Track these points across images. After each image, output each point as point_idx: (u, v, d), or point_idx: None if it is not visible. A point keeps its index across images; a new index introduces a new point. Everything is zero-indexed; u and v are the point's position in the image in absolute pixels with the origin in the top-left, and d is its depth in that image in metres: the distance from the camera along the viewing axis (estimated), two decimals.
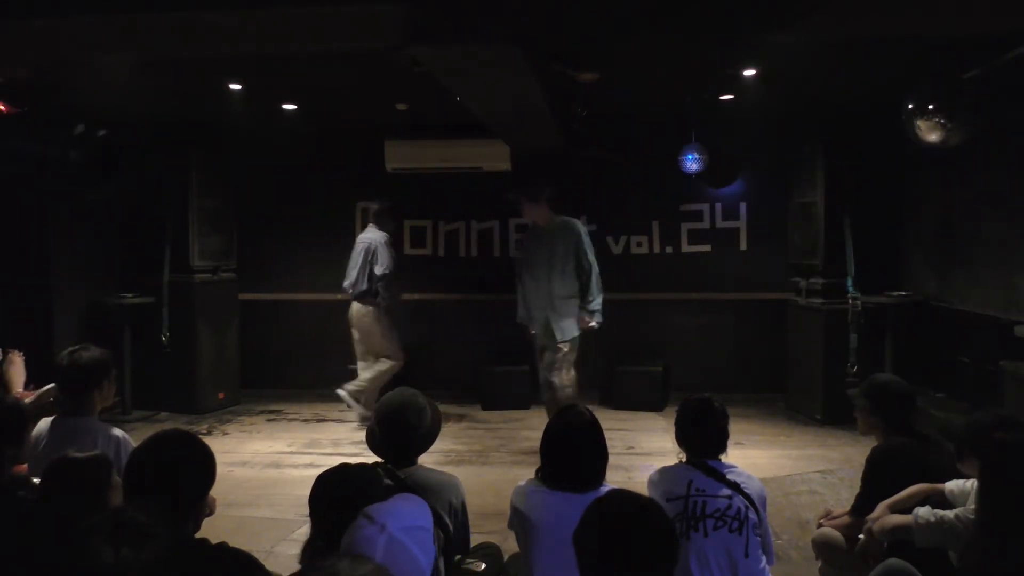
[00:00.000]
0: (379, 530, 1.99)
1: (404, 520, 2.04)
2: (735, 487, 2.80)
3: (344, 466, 2.50)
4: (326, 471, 2.44)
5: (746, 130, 7.23)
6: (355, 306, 6.75)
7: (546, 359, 5.94)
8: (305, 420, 7.13)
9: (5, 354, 5.38)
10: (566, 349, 5.86)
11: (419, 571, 1.99)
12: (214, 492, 2.37)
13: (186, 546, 2.13)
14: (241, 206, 7.77)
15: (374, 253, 6.68)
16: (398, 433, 2.93)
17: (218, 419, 7.15)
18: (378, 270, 6.63)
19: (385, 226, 6.85)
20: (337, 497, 2.32)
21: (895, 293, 6.54)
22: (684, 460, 2.97)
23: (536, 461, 2.79)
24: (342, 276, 8.02)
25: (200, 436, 2.39)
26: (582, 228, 5.93)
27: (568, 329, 5.86)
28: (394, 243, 6.93)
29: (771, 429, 6.65)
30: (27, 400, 4.32)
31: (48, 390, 4.76)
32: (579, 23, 3.64)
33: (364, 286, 6.68)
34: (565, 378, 5.87)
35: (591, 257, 5.85)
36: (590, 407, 2.90)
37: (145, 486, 2.17)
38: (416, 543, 2.00)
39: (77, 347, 3.40)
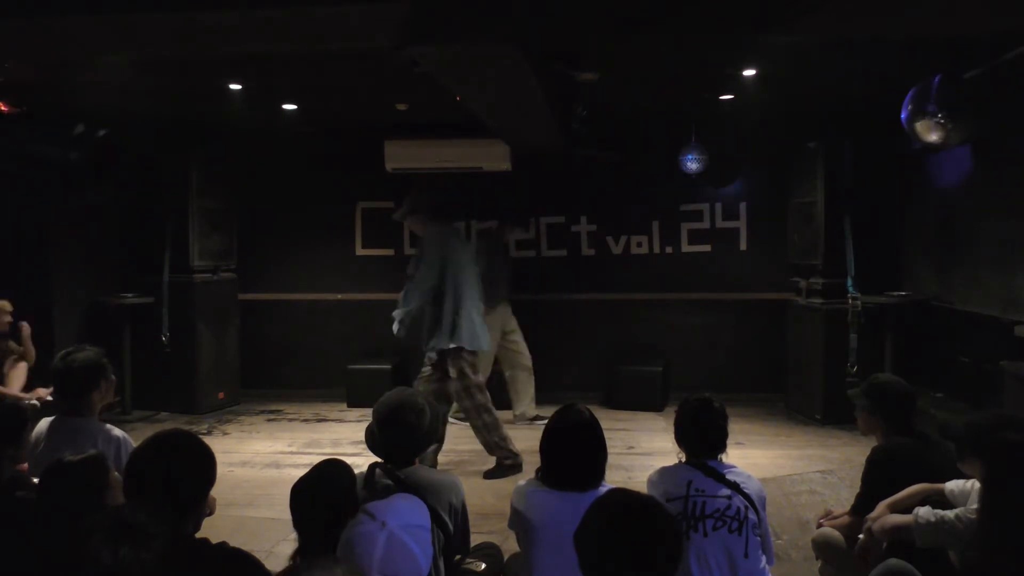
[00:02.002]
0: (379, 527, 1.99)
1: (404, 518, 2.04)
2: (735, 487, 2.80)
3: (316, 467, 2.51)
4: (298, 480, 2.44)
5: (746, 130, 7.23)
6: None
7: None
8: (305, 420, 7.13)
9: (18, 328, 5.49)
10: (453, 374, 5.30)
11: (417, 569, 1.99)
12: (214, 492, 2.37)
13: (186, 546, 2.13)
14: (241, 206, 7.77)
15: None
16: (397, 433, 2.94)
17: (218, 419, 7.15)
18: None
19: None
20: (308, 499, 2.32)
21: (895, 293, 6.53)
22: (684, 460, 2.97)
23: (536, 461, 2.79)
24: (341, 276, 8.07)
25: (200, 436, 2.39)
26: (437, 235, 5.35)
27: (439, 343, 5.28)
28: (499, 253, 6.96)
29: (771, 429, 6.65)
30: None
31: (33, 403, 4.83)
32: (579, 23, 3.64)
33: None
34: (465, 401, 5.35)
35: (413, 267, 5.32)
36: (590, 407, 2.90)
37: (145, 486, 2.17)
38: (416, 541, 2.00)
39: (71, 349, 3.39)
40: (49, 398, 5.00)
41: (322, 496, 2.24)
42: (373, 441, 3.02)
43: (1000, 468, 2.39)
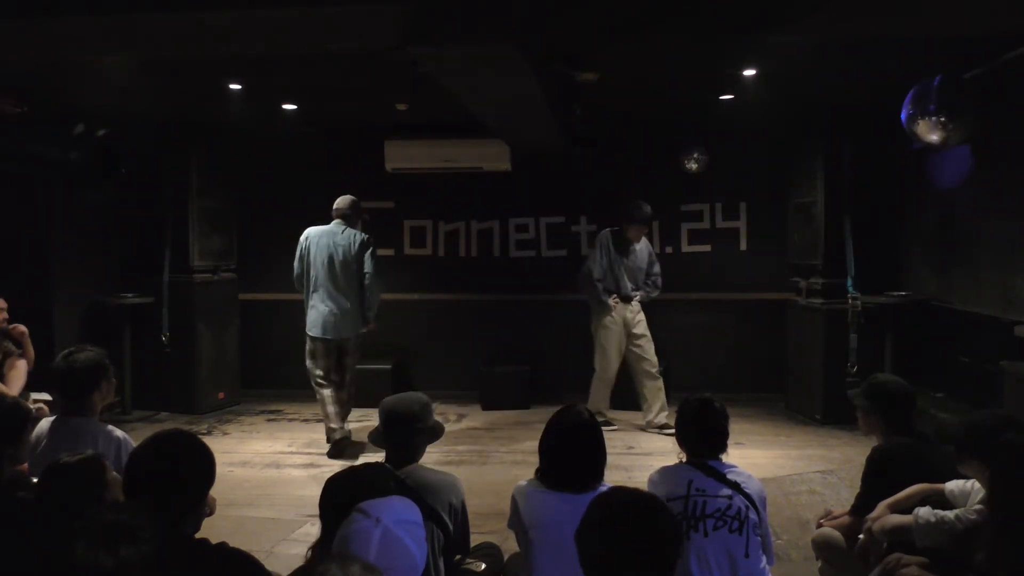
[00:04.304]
0: (374, 523, 1.98)
1: (398, 514, 2.04)
2: (735, 487, 2.80)
3: (352, 468, 2.51)
4: (335, 474, 2.44)
5: (746, 130, 7.23)
6: None
7: None
8: (305, 420, 7.13)
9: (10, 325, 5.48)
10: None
11: (413, 565, 1.98)
12: (214, 492, 2.37)
13: (186, 546, 2.13)
14: (241, 206, 7.77)
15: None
16: (400, 430, 2.95)
17: (218, 419, 7.15)
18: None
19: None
20: (348, 499, 2.31)
21: (895, 293, 6.53)
22: (684, 460, 2.98)
23: (536, 461, 2.80)
24: None
25: (200, 436, 2.39)
26: (314, 235, 6.20)
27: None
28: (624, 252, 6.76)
29: (771, 429, 6.65)
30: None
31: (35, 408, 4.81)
32: (580, 23, 3.64)
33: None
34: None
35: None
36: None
37: (145, 486, 2.17)
38: (410, 537, 2.00)
39: (72, 349, 3.39)
40: (46, 405, 4.97)
41: (354, 494, 2.23)
42: (377, 438, 3.05)
43: (1008, 470, 2.36)
